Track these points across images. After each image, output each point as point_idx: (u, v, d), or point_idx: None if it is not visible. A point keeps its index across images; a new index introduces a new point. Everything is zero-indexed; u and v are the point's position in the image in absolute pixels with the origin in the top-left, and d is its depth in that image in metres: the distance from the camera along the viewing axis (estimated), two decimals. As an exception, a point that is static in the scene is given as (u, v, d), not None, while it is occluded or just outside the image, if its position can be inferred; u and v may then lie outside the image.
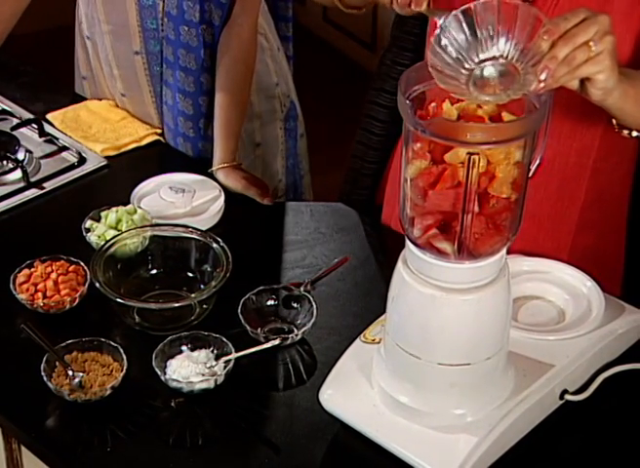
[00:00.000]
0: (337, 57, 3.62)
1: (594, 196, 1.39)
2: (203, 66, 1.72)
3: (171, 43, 1.71)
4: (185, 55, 1.71)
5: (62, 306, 1.34)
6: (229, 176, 1.62)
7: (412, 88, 1.04)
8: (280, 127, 1.90)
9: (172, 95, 1.76)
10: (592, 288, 1.27)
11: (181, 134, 1.78)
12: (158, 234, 1.41)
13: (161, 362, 1.25)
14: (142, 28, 1.72)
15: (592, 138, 1.34)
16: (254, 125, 1.86)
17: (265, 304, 1.35)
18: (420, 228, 1.05)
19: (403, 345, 1.11)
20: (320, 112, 3.33)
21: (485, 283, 1.08)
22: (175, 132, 1.79)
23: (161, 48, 1.73)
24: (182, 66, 1.72)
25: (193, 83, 1.74)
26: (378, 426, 1.15)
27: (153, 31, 1.72)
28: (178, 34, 1.70)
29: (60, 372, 1.24)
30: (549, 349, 1.19)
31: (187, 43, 1.70)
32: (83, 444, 1.18)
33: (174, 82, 1.74)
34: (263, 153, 1.89)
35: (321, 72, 3.56)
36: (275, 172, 1.92)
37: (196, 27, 1.68)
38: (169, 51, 1.72)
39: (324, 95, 3.41)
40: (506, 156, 1.02)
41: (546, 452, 1.17)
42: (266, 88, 1.84)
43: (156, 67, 1.76)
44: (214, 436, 1.20)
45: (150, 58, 1.75)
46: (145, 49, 1.74)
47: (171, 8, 1.68)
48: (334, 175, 1.90)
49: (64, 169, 1.64)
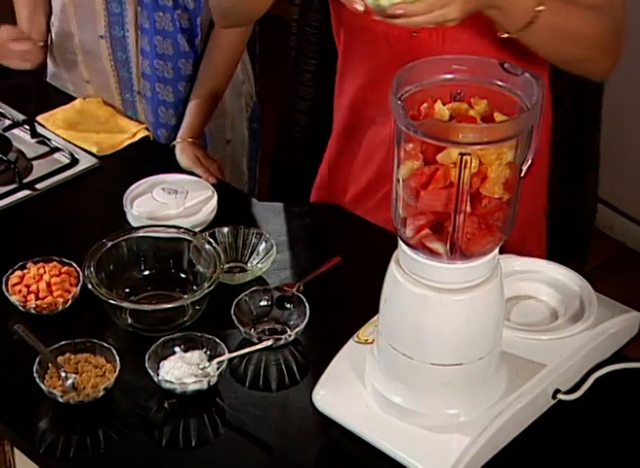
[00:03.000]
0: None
1: None
2: (180, 51, 1.74)
3: (146, 32, 1.72)
4: (162, 41, 1.72)
5: (55, 308, 1.34)
6: (183, 153, 1.66)
7: (403, 88, 1.05)
8: (246, 126, 1.92)
9: (150, 86, 1.77)
10: (585, 287, 1.27)
11: (163, 124, 1.78)
12: (151, 235, 1.40)
13: (154, 363, 1.24)
14: (108, 12, 1.73)
15: None
16: (225, 122, 1.87)
17: (258, 305, 1.35)
18: (413, 228, 1.06)
19: (396, 345, 1.12)
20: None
21: (477, 283, 1.08)
22: (156, 124, 1.79)
23: (124, 33, 1.74)
24: (160, 54, 1.73)
25: (172, 69, 1.75)
26: (371, 426, 1.15)
27: (118, 16, 1.73)
28: (152, 22, 1.70)
29: (53, 374, 1.24)
30: (542, 349, 1.19)
31: (163, 29, 1.71)
32: (76, 445, 1.18)
33: (151, 72, 1.75)
34: (233, 151, 1.91)
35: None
36: (242, 172, 1.94)
37: (171, 13, 1.69)
38: (144, 40, 1.73)
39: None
40: (498, 156, 1.02)
41: (539, 452, 1.17)
42: (235, 84, 1.86)
43: (120, 53, 1.77)
44: (207, 437, 1.20)
45: (114, 42, 1.76)
46: (110, 33, 1.75)
47: None
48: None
49: (57, 170, 1.64)
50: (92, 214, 1.58)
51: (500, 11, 1.20)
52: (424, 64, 1.07)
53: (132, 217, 1.52)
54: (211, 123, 1.85)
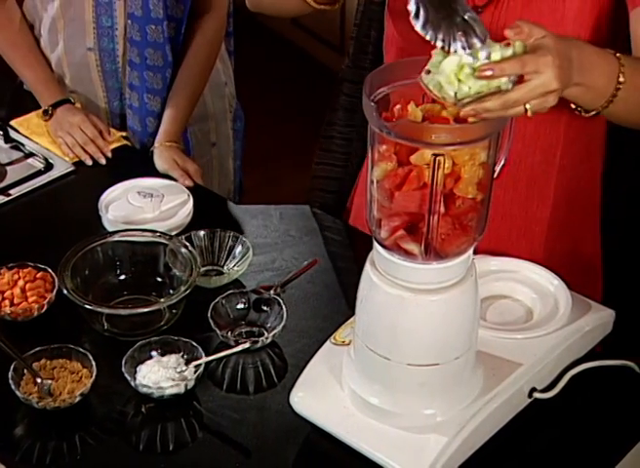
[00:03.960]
0: (305, 59, 3.62)
1: (563, 194, 1.40)
2: (167, 61, 1.74)
3: (136, 44, 1.72)
4: (153, 53, 1.72)
5: (30, 313, 1.33)
6: (161, 156, 1.66)
7: (376, 90, 1.05)
8: (230, 127, 1.93)
9: (138, 96, 1.77)
10: (559, 286, 1.28)
11: (150, 133, 1.78)
12: (126, 239, 1.40)
13: (131, 367, 1.24)
14: (97, 25, 1.72)
15: (556, 136, 1.35)
16: (209, 125, 1.88)
17: (235, 308, 1.35)
18: (388, 230, 1.06)
19: (372, 346, 1.12)
20: (289, 115, 3.34)
21: (452, 283, 1.08)
22: (143, 133, 1.79)
23: (114, 46, 1.74)
24: (150, 66, 1.73)
25: (161, 80, 1.75)
26: (348, 428, 1.15)
27: (108, 29, 1.73)
28: (144, 34, 1.70)
29: (29, 380, 1.23)
30: (518, 348, 1.20)
31: (154, 41, 1.71)
32: (52, 452, 1.17)
33: (140, 83, 1.75)
34: (218, 153, 1.91)
35: (289, 75, 3.56)
36: (229, 171, 1.94)
37: (161, 24, 1.69)
38: (134, 53, 1.73)
39: (293, 97, 3.42)
40: (471, 157, 1.03)
41: (516, 450, 1.17)
42: (217, 87, 1.86)
43: (109, 65, 1.77)
44: (185, 441, 1.19)
45: (103, 55, 1.76)
46: (99, 46, 1.75)
47: (135, 9, 1.68)
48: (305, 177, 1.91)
49: (31, 175, 1.63)
50: (67, 219, 1.57)
51: (582, 88, 1.10)
52: (397, 66, 1.08)
53: (107, 222, 1.51)
54: (195, 127, 1.86)
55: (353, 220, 1.58)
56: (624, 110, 1.17)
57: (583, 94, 1.12)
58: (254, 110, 2.14)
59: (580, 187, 1.42)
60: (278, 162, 3.08)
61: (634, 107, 1.17)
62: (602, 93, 1.13)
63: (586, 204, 1.45)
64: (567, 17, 1.08)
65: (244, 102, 2.04)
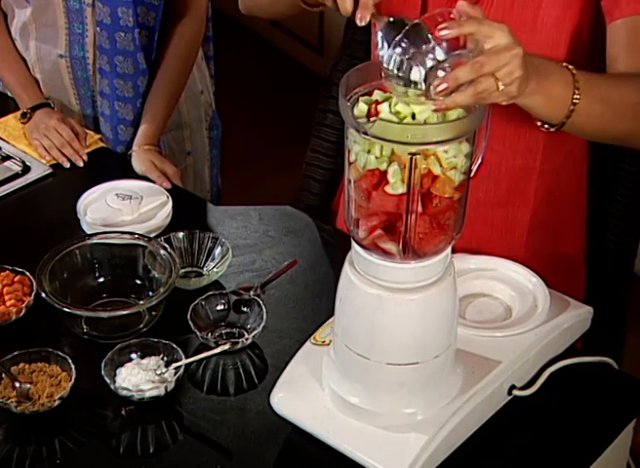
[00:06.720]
0: (284, 60, 3.62)
1: (543, 196, 1.40)
2: (139, 69, 1.73)
3: (105, 52, 1.71)
4: (123, 61, 1.71)
5: (8, 317, 1.33)
6: (138, 159, 1.66)
7: (353, 90, 1.05)
8: (206, 136, 1.92)
9: (109, 104, 1.76)
10: (537, 284, 1.28)
11: (122, 141, 1.78)
12: (105, 242, 1.39)
13: (110, 370, 1.24)
14: (69, 31, 1.71)
15: (536, 140, 1.35)
16: (184, 133, 1.88)
17: (215, 309, 1.35)
18: (365, 229, 1.06)
19: (351, 346, 1.12)
20: (268, 115, 3.34)
21: (431, 282, 1.09)
22: (115, 141, 1.79)
23: (84, 54, 1.73)
24: (120, 73, 1.72)
25: (132, 88, 1.74)
26: (329, 427, 1.15)
27: (78, 36, 1.72)
28: (113, 42, 1.69)
29: (7, 385, 1.23)
30: (497, 346, 1.20)
31: (124, 49, 1.70)
32: (32, 456, 1.17)
33: (111, 91, 1.74)
34: (194, 162, 1.91)
35: (268, 75, 3.56)
36: (205, 180, 1.94)
37: (132, 32, 1.68)
38: (103, 60, 1.72)
39: (272, 98, 3.42)
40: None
41: (496, 448, 1.18)
42: (193, 95, 1.86)
43: (80, 72, 1.76)
44: (165, 443, 1.19)
45: (74, 62, 1.75)
46: (70, 53, 1.74)
47: (104, 17, 1.68)
48: (286, 178, 1.91)
49: (8, 178, 1.62)
50: (45, 222, 1.56)
51: (541, 96, 1.09)
52: (374, 66, 1.08)
53: (86, 225, 1.51)
54: (169, 135, 1.85)
55: (340, 223, 1.58)
56: (588, 123, 1.16)
57: (544, 103, 1.11)
58: (233, 111, 2.14)
59: (563, 191, 1.43)
60: (258, 163, 3.08)
61: (597, 120, 1.16)
62: (561, 100, 1.12)
63: (570, 206, 1.45)
64: (546, 24, 1.08)
65: (223, 103, 2.04)
